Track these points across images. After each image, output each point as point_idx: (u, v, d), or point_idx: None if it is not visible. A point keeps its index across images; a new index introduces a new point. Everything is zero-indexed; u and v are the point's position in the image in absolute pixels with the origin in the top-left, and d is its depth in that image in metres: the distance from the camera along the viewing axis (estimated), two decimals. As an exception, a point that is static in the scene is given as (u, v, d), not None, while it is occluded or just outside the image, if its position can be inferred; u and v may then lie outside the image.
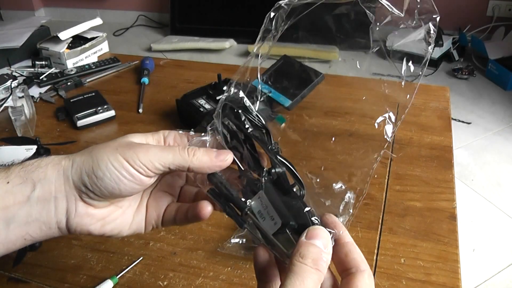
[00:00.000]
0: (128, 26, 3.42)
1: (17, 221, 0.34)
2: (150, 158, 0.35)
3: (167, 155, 0.35)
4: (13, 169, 0.35)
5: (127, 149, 0.35)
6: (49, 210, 0.35)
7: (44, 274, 0.55)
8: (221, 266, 0.55)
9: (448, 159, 0.74)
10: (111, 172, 0.34)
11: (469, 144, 2.00)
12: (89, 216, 0.36)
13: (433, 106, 0.89)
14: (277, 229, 0.33)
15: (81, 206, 0.36)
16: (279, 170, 0.36)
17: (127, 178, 0.35)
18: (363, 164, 0.42)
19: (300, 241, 0.31)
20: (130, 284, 0.54)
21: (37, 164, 0.36)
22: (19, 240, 0.35)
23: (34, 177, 0.35)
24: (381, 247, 0.57)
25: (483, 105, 2.30)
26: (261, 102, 0.39)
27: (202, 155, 0.36)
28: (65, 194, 0.35)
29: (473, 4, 2.83)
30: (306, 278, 0.29)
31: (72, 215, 0.35)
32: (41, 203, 0.35)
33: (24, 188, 0.34)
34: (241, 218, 0.36)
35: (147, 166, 0.35)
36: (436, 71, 2.61)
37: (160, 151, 0.36)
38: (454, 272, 0.54)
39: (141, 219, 0.41)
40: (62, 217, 0.35)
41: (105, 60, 1.09)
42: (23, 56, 1.11)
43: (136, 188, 0.36)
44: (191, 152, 0.36)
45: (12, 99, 0.87)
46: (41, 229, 0.35)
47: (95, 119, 0.85)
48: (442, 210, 0.63)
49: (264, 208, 0.35)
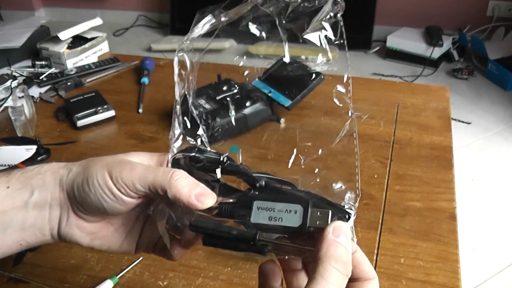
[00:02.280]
0: (128, 26, 3.42)
1: (14, 225, 0.34)
2: (132, 177, 0.33)
3: (148, 176, 0.33)
4: (14, 174, 0.36)
5: (115, 166, 0.34)
6: (43, 217, 0.35)
7: (44, 274, 0.55)
8: (221, 266, 0.55)
9: (448, 159, 0.74)
10: (95, 188, 0.33)
11: (469, 144, 2.00)
12: (79, 228, 0.36)
13: (433, 106, 0.89)
14: (302, 215, 0.31)
15: (72, 217, 0.35)
16: (261, 182, 0.34)
17: (109, 197, 0.33)
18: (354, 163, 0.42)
19: (327, 238, 0.29)
20: (130, 284, 0.54)
21: (37, 170, 0.36)
22: (15, 245, 0.35)
23: (33, 183, 0.35)
24: (381, 247, 0.57)
25: (483, 105, 2.30)
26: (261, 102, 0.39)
27: (184, 186, 0.33)
28: (59, 202, 0.35)
29: (473, 4, 2.83)
30: (335, 286, 0.27)
31: (64, 224, 0.35)
32: (37, 209, 0.35)
33: (23, 193, 0.35)
34: (257, 246, 0.31)
35: (128, 186, 0.33)
36: (436, 71, 2.61)
37: (144, 171, 0.33)
38: (454, 272, 0.54)
39: (132, 240, 0.39)
40: (54, 224, 0.36)
41: (105, 60, 1.09)
42: (23, 56, 1.11)
43: (119, 208, 0.34)
44: (175, 176, 0.33)
45: (12, 99, 0.87)
46: (36, 235, 0.35)
47: (95, 119, 0.85)
48: (442, 210, 0.63)
49: (270, 210, 0.32)
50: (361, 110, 0.87)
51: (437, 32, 2.66)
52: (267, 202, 0.32)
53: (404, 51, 2.70)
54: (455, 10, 2.86)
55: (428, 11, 2.91)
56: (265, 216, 0.32)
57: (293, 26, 0.39)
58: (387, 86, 0.97)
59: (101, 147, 0.79)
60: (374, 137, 0.79)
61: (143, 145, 0.79)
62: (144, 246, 0.39)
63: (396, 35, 2.75)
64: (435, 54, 2.58)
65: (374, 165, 0.72)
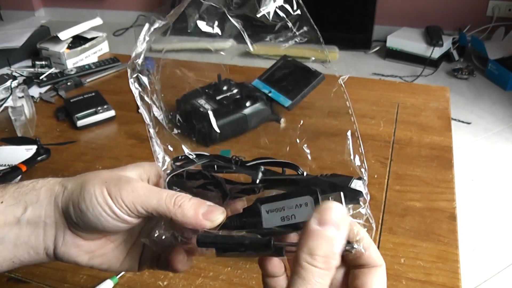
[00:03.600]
0: (128, 26, 3.42)
1: (6, 242, 0.33)
2: (134, 200, 0.32)
3: (151, 201, 0.32)
4: (9, 189, 0.34)
5: (114, 184, 0.32)
6: (37, 235, 0.34)
7: (44, 274, 0.55)
8: (221, 266, 0.55)
9: (448, 159, 0.74)
10: (94, 207, 0.32)
11: (469, 144, 2.00)
12: (76, 247, 0.34)
13: (433, 106, 0.89)
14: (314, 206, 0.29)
15: (69, 236, 0.34)
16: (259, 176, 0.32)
17: (110, 216, 0.32)
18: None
19: (309, 228, 0.26)
20: (130, 284, 0.54)
21: (32, 186, 0.34)
22: (7, 262, 0.34)
23: (27, 199, 0.34)
24: (381, 247, 0.57)
25: (483, 105, 2.30)
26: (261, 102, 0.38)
27: (189, 209, 0.31)
28: (55, 220, 0.34)
29: (473, 4, 2.83)
30: (315, 284, 0.25)
31: (60, 243, 0.34)
32: (31, 226, 0.33)
33: (16, 209, 0.33)
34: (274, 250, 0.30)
35: (129, 208, 0.32)
36: (436, 71, 2.61)
37: (146, 193, 0.32)
38: (454, 272, 0.54)
39: (134, 257, 0.37)
40: (50, 243, 0.34)
41: (105, 60, 1.09)
42: (23, 56, 1.11)
43: (121, 226, 0.33)
44: (178, 202, 0.32)
45: (12, 99, 0.87)
46: (29, 254, 0.34)
47: (95, 119, 0.85)
48: (442, 210, 0.63)
49: (280, 210, 0.30)
50: (361, 110, 0.87)
51: (437, 32, 2.66)
52: (274, 203, 0.30)
53: (404, 51, 2.70)
54: (455, 10, 2.86)
55: (428, 11, 2.91)
56: (277, 218, 0.30)
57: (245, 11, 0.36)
58: (387, 86, 0.97)
59: (101, 147, 0.79)
60: (374, 137, 0.79)
61: (143, 145, 0.79)
62: (148, 261, 0.38)
63: (396, 35, 2.75)
64: (435, 54, 2.58)
65: (374, 165, 0.72)
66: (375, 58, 2.84)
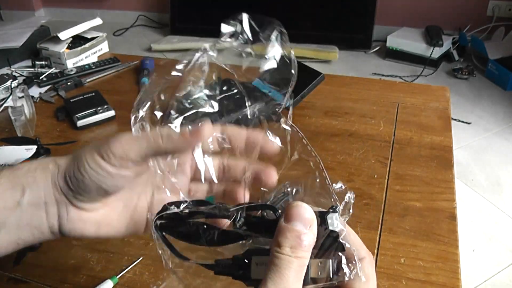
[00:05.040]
0: (128, 26, 3.42)
1: (8, 226, 0.34)
2: (124, 148, 0.33)
3: (141, 144, 0.33)
4: (4, 173, 0.34)
5: (102, 143, 0.33)
6: (40, 216, 0.34)
7: (44, 274, 0.55)
8: (221, 266, 0.55)
9: (448, 159, 0.74)
10: (89, 173, 0.33)
11: (469, 144, 2.00)
12: (82, 222, 0.35)
13: (433, 106, 0.89)
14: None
15: (73, 211, 0.35)
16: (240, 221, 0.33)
17: (105, 177, 0.33)
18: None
19: (279, 225, 0.29)
20: (130, 284, 0.54)
21: (27, 168, 0.35)
22: (11, 244, 0.34)
23: (23, 182, 0.34)
24: (381, 247, 0.57)
25: (483, 105, 2.30)
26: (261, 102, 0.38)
27: (174, 135, 0.34)
28: (55, 199, 0.34)
29: (473, 4, 2.83)
30: (285, 269, 0.27)
31: (65, 220, 0.34)
32: (32, 208, 0.34)
33: (14, 193, 0.33)
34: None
35: (122, 159, 0.33)
36: (436, 71, 2.62)
37: (134, 139, 0.33)
38: (454, 272, 0.54)
39: (139, 220, 0.38)
40: (54, 222, 0.34)
41: (105, 60, 1.09)
42: (23, 56, 1.11)
43: (121, 182, 0.34)
44: (164, 133, 0.34)
45: (12, 99, 0.87)
46: (33, 234, 0.35)
47: (95, 119, 0.85)
48: (442, 210, 0.63)
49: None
50: (361, 110, 0.87)
51: (437, 32, 2.66)
52: (266, 257, 0.30)
53: (404, 51, 2.70)
54: (455, 10, 2.86)
55: (428, 11, 2.91)
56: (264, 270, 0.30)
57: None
58: (387, 86, 0.97)
59: (101, 147, 0.79)
60: (374, 137, 0.79)
61: (143, 145, 0.79)
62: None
63: (396, 35, 2.75)
64: (435, 54, 2.58)
65: (374, 165, 0.72)
66: (375, 58, 2.85)
